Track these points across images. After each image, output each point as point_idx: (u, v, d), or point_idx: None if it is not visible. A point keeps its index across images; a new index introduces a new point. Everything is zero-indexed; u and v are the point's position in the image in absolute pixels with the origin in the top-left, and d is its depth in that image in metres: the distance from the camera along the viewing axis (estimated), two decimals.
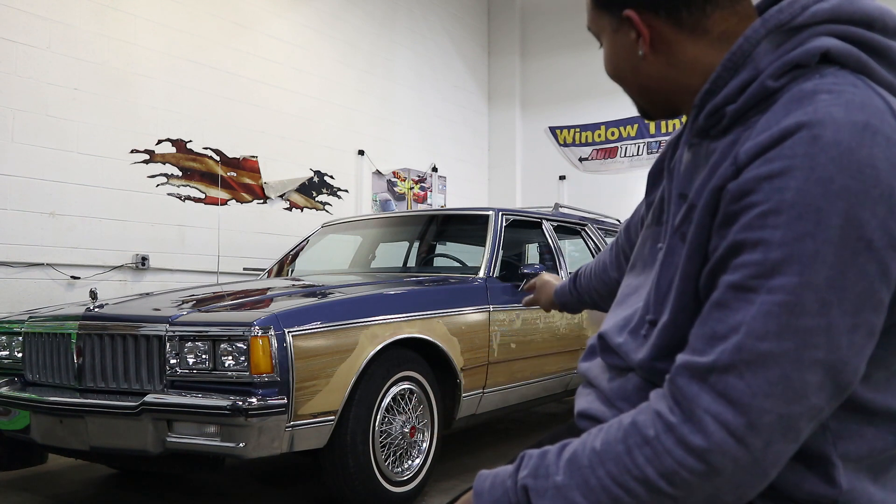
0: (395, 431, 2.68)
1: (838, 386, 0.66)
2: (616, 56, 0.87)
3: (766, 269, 0.65)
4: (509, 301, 3.35)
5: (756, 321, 0.65)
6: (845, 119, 0.66)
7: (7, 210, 4.17)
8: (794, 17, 0.74)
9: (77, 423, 2.43)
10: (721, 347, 0.67)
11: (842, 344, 0.65)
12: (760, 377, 0.65)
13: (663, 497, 0.68)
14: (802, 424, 0.66)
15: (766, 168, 0.67)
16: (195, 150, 5.21)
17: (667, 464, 0.68)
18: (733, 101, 0.76)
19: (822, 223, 0.64)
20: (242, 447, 2.21)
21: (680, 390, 0.69)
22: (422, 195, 7.16)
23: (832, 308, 0.64)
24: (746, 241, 0.67)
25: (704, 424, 0.66)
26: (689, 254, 0.77)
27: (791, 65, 0.72)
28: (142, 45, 4.89)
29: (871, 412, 0.72)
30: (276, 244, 5.61)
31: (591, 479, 0.71)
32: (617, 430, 0.73)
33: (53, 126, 4.38)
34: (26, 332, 2.76)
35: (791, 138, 0.66)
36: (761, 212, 0.66)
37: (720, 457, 0.66)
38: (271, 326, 2.28)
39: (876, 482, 0.74)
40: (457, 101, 8.04)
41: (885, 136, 0.65)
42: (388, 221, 4.45)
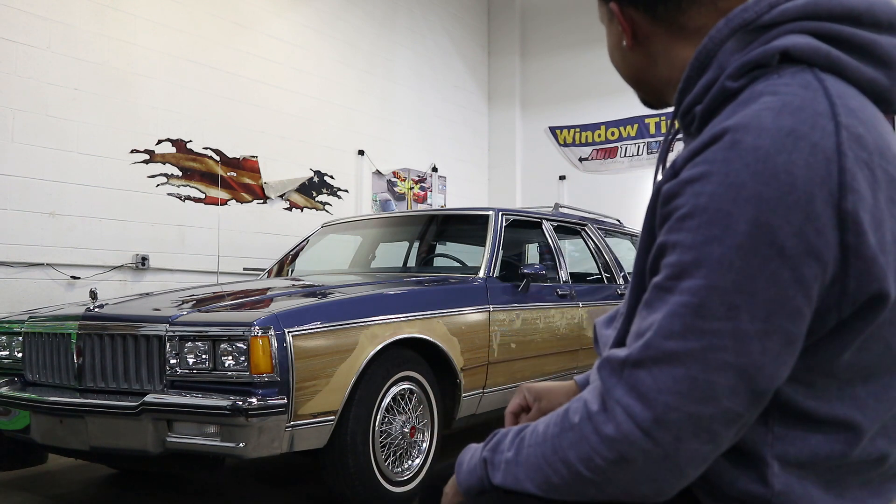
0: (395, 431, 2.68)
1: (754, 391, 0.65)
2: (609, 46, 0.90)
3: (678, 271, 0.67)
4: (509, 301, 3.35)
5: (665, 320, 0.67)
6: (771, 124, 0.65)
7: (7, 210, 4.17)
8: (759, 15, 0.72)
9: (77, 423, 2.43)
10: (636, 344, 0.69)
11: (753, 349, 0.64)
12: (666, 374, 0.66)
13: (584, 481, 0.72)
14: (717, 427, 0.66)
15: (690, 172, 0.68)
16: (195, 150, 5.21)
17: (584, 449, 0.71)
18: (700, 102, 0.75)
19: (730, 228, 0.64)
20: (242, 447, 2.21)
21: (602, 382, 0.72)
22: (422, 195, 7.16)
23: (740, 312, 0.64)
24: (667, 243, 0.69)
25: (615, 415, 0.69)
26: (639, 252, 0.79)
27: (750, 65, 0.71)
28: (142, 45, 4.89)
29: (815, 420, 0.71)
30: (276, 244, 5.61)
31: (531, 457, 0.76)
32: (557, 414, 0.77)
33: (53, 126, 4.38)
34: (26, 332, 2.76)
35: (715, 144, 0.67)
36: (680, 215, 0.68)
37: (628, 447, 0.68)
38: (271, 326, 2.28)
39: (828, 491, 0.73)
40: (457, 101, 8.04)
41: (810, 143, 0.64)
42: (388, 221, 4.44)
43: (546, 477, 0.75)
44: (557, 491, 0.74)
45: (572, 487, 0.73)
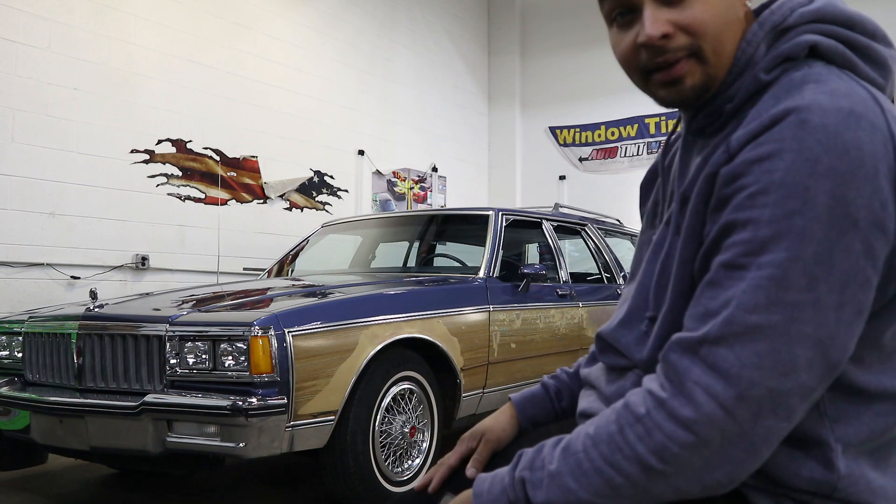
0: (395, 431, 2.68)
1: (828, 363, 0.67)
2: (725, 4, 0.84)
3: (755, 247, 0.68)
4: (509, 301, 3.35)
5: (745, 295, 0.67)
6: (831, 105, 0.68)
7: (7, 210, 4.17)
8: (784, 18, 0.77)
9: (77, 423, 2.43)
10: (712, 322, 0.69)
11: (829, 320, 0.66)
12: (750, 349, 0.66)
13: (654, 475, 0.69)
14: (794, 402, 0.67)
15: (756, 152, 0.69)
16: (195, 150, 5.21)
17: (657, 439, 0.69)
18: (731, 100, 0.78)
19: (810, 201, 0.66)
20: (242, 447, 2.21)
21: (672, 365, 0.71)
22: (422, 195, 7.16)
23: (819, 283, 0.66)
24: (737, 221, 0.70)
25: (694, 396, 0.68)
26: (684, 241, 0.79)
27: (782, 58, 0.76)
28: (142, 45, 4.89)
29: (867, 395, 0.73)
30: (276, 244, 5.61)
31: (584, 463, 0.72)
32: (610, 413, 0.74)
33: (53, 126, 4.38)
34: (26, 332, 2.76)
35: (780, 123, 0.69)
36: (751, 192, 0.69)
37: (708, 427, 0.67)
38: (271, 326, 2.28)
39: (877, 468, 0.74)
40: (457, 101, 8.04)
41: (869, 122, 0.68)
42: (388, 221, 4.45)
43: (607, 479, 0.71)
44: (619, 494, 0.71)
45: (638, 486, 0.70)
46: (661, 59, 0.78)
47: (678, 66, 0.78)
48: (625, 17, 0.80)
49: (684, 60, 0.78)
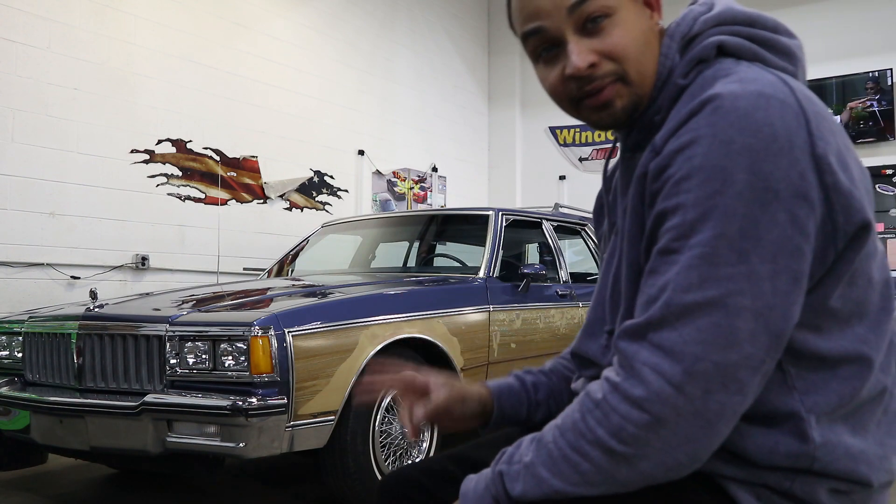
0: (395, 431, 2.68)
1: (770, 332, 0.69)
2: (640, 28, 0.89)
3: (685, 230, 0.71)
4: (509, 301, 3.35)
5: (679, 276, 0.70)
6: (741, 90, 0.72)
7: (7, 210, 4.17)
8: (690, 27, 0.83)
9: (77, 423, 2.43)
10: (654, 306, 0.72)
11: (765, 290, 0.69)
12: (691, 326, 0.69)
13: (617, 458, 0.71)
14: (742, 375, 0.69)
15: (677, 142, 0.74)
16: (195, 150, 5.21)
17: (614, 421, 0.71)
18: (659, 111, 0.83)
19: (729, 180, 0.69)
20: (242, 447, 2.21)
21: (621, 351, 0.74)
22: (422, 195, 7.15)
23: (750, 256, 0.68)
24: (667, 209, 0.73)
25: (644, 376, 0.70)
26: (628, 244, 0.83)
27: (695, 61, 0.81)
28: (142, 45, 4.89)
29: (831, 362, 0.76)
30: (276, 244, 5.61)
31: (554, 452, 0.75)
32: (574, 403, 0.77)
33: (53, 126, 4.38)
34: (26, 332, 2.76)
35: (696, 115, 0.73)
36: (676, 180, 0.73)
37: (660, 405, 0.69)
38: (271, 326, 2.28)
39: (854, 433, 0.77)
40: (457, 101, 8.03)
41: (778, 100, 0.71)
42: (388, 221, 4.44)
43: (574, 466, 0.73)
44: (588, 480, 0.73)
45: (604, 470, 0.72)
46: (589, 87, 0.82)
47: (606, 91, 0.82)
48: (550, 53, 0.84)
49: (611, 85, 0.82)
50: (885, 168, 6.73)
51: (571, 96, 0.84)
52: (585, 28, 0.81)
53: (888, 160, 6.72)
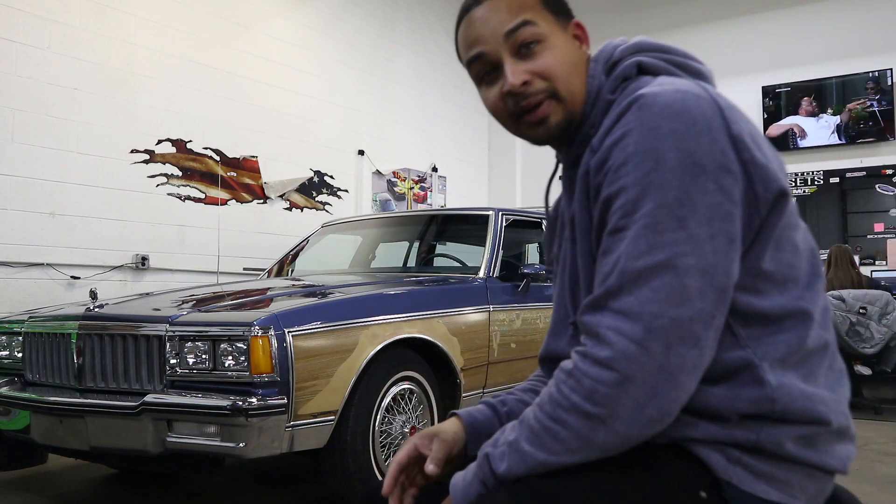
0: (395, 431, 2.68)
1: (716, 287, 0.78)
2: (569, 54, 1.00)
3: (629, 208, 0.80)
4: (509, 301, 3.35)
5: (629, 246, 0.79)
6: (662, 90, 0.83)
7: (7, 210, 4.17)
8: (611, 54, 0.96)
9: (77, 423, 2.43)
10: (610, 278, 0.80)
11: (706, 250, 0.77)
12: (645, 289, 0.77)
13: (592, 420, 0.77)
14: (697, 328, 0.76)
15: (612, 138, 0.84)
16: (195, 150, 5.21)
17: (586, 385, 0.78)
18: (593, 126, 0.93)
19: (661, 158, 0.79)
20: (242, 447, 2.21)
21: (586, 324, 0.81)
22: (422, 195, 7.15)
23: (688, 221, 0.77)
24: (611, 194, 0.82)
25: (608, 338, 0.77)
26: (580, 237, 0.91)
27: (619, 79, 0.93)
28: (142, 45, 4.88)
29: (775, 318, 0.84)
30: (276, 244, 5.61)
31: (535, 426, 0.81)
32: (550, 381, 0.84)
33: (53, 126, 4.38)
34: (26, 332, 2.76)
35: (626, 113, 0.83)
36: (615, 167, 0.82)
37: (626, 362, 0.76)
38: (271, 326, 2.28)
39: (806, 381, 0.84)
40: (457, 101, 8.03)
41: (694, 94, 0.82)
42: (388, 221, 4.44)
43: (554, 435, 0.79)
44: (568, 447, 0.79)
45: (583, 436, 0.78)
46: (525, 103, 0.93)
47: (542, 108, 0.93)
48: (490, 75, 0.96)
49: (546, 102, 0.93)
50: (885, 168, 6.73)
51: (510, 112, 0.95)
52: (520, 52, 0.92)
53: (888, 160, 6.72)
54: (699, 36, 7.45)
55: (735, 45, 7.30)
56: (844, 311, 4.96)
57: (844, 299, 4.98)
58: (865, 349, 4.92)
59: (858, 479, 3.21)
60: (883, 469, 3.42)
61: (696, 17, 7.63)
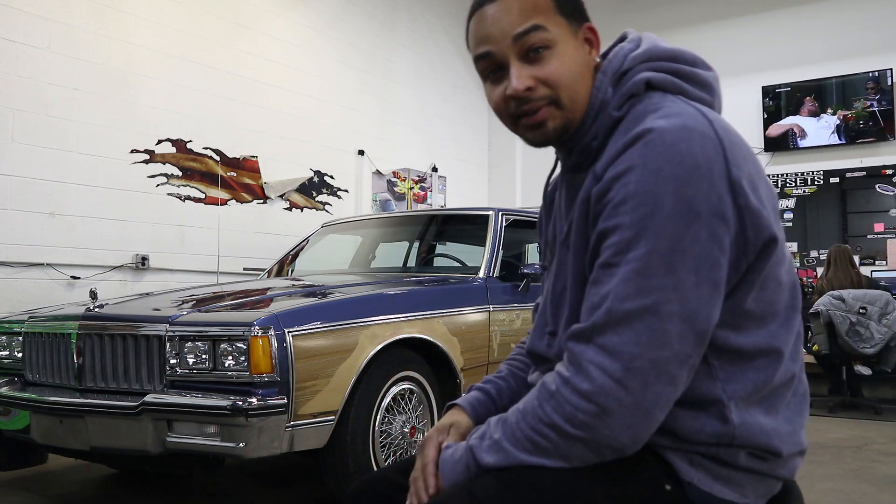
0: (395, 431, 2.68)
1: (696, 332, 0.82)
2: (577, 60, 0.99)
3: (622, 247, 0.83)
4: (509, 301, 3.35)
5: (618, 287, 0.83)
6: (667, 125, 0.84)
7: (7, 210, 4.17)
8: (621, 64, 0.96)
9: (77, 423, 2.43)
10: (597, 313, 0.84)
11: (690, 297, 0.81)
12: (629, 330, 0.81)
13: (571, 439, 0.84)
14: (673, 369, 0.82)
15: (615, 171, 0.86)
16: (195, 150, 5.21)
17: (566, 410, 0.84)
18: (595, 138, 0.96)
19: (658, 203, 0.81)
20: (242, 447, 2.21)
21: (571, 351, 0.87)
22: (422, 195, 7.15)
23: (677, 268, 0.81)
24: (607, 229, 0.86)
25: (589, 372, 0.83)
26: (574, 258, 0.95)
27: (627, 95, 0.94)
28: (142, 45, 4.88)
29: (748, 355, 0.89)
30: (276, 244, 5.61)
31: (517, 432, 0.88)
32: (533, 391, 0.90)
33: (53, 126, 4.38)
34: (26, 332, 2.76)
35: (630, 147, 0.85)
36: (614, 204, 0.85)
37: (604, 397, 0.81)
38: (271, 326, 2.28)
39: (767, 414, 0.90)
40: (457, 101, 8.03)
41: (699, 132, 0.84)
42: (388, 221, 4.44)
43: (535, 444, 0.86)
44: (547, 454, 0.86)
45: (561, 448, 0.85)
46: (526, 108, 0.95)
47: (540, 113, 0.95)
48: (496, 74, 0.97)
49: (545, 107, 0.94)
50: (885, 168, 6.73)
51: (511, 114, 0.97)
52: (528, 56, 0.93)
53: (888, 160, 6.72)
54: (699, 36, 7.45)
55: (735, 45, 7.30)
56: (844, 311, 4.96)
57: (844, 299, 4.98)
58: (865, 349, 4.92)
59: (858, 479, 3.21)
60: (883, 469, 3.42)
61: (696, 17, 7.63)
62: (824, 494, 2.95)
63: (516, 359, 1.21)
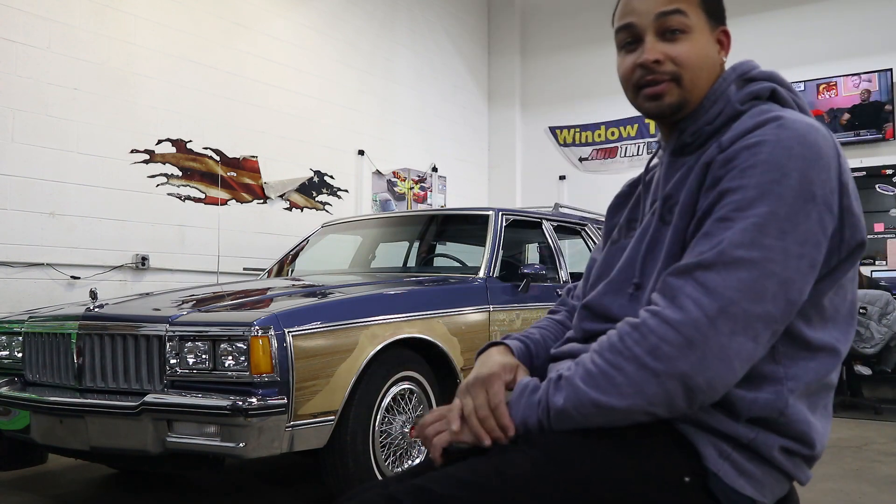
0: (395, 431, 2.68)
1: (787, 299, 0.87)
2: (708, 51, 1.06)
3: (744, 204, 0.88)
4: (509, 301, 3.35)
5: (735, 235, 0.87)
6: (797, 118, 0.93)
7: (7, 210, 4.17)
8: (749, 70, 1.06)
9: (77, 423, 2.43)
10: (707, 253, 0.88)
11: (791, 265, 0.87)
12: (734, 275, 0.86)
13: (649, 372, 0.85)
14: (760, 326, 0.86)
15: (746, 142, 0.92)
16: (195, 150, 5.21)
17: (651, 341, 0.86)
18: (711, 124, 1.02)
19: (786, 175, 0.88)
20: (242, 447, 2.21)
21: (668, 284, 0.90)
22: (422, 195, 7.15)
23: (787, 236, 0.87)
24: (729, 189, 0.91)
25: (684, 305, 0.86)
26: (678, 218, 0.98)
27: (752, 95, 1.02)
28: (142, 45, 4.88)
29: (813, 347, 0.94)
30: (276, 244, 5.61)
31: (592, 368, 0.90)
32: (611, 332, 0.92)
33: (53, 126, 4.38)
34: (26, 332, 2.76)
35: (764, 125, 0.93)
36: (742, 168, 0.91)
37: (694, 330, 0.84)
38: (271, 326, 2.28)
39: (809, 410, 0.95)
40: (457, 101, 8.03)
41: (823, 132, 0.93)
42: (388, 221, 4.44)
43: (610, 379, 0.88)
44: (620, 390, 0.86)
45: (636, 383, 0.86)
46: (650, 78, 1.03)
47: (661, 86, 1.03)
48: (631, 45, 1.06)
49: (667, 82, 1.02)
50: (885, 168, 6.73)
51: (635, 82, 1.05)
52: (664, 35, 1.03)
53: (888, 160, 6.72)
54: None
55: (735, 45, 7.25)
56: None
57: None
58: (865, 349, 4.92)
59: (858, 479, 3.21)
60: (883, 469, 3.42)
61: None
62: (824, 494, 2.95)
63: (546, 328, 1.21)
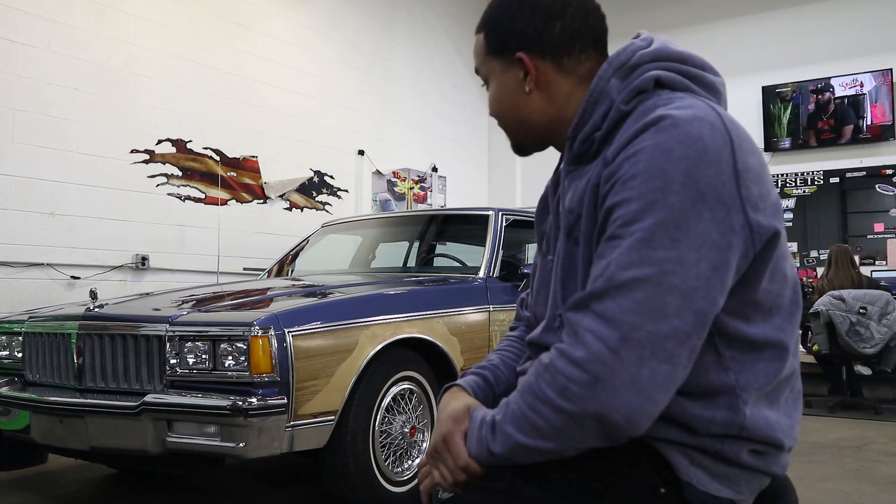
0: (395, 431, 2.68)
1: (696, 311, 0.81)
2: (501, 94, 1.06)
3: (628, 219, 0.84)
4: (509, 301, 3.35)
5: (621, 255, 0.82)
6: (680, 114, 0.86)
7: (7, 210, 4.17)
8: (629, 58, 0.97)
9: (77, 423, 2.43)
10: (598, 281, 0.84)
11: (691, 273, 0.81)
12: (628, 298, 0.80)
13: (563, 415, 0.82)
14: (671, 346, 0.80)
15: (626, 153, 0.87)
16: (195, 150, 5.21)
17: (560, 381, 0.82)
18: (599, 129, 0.97)
19: (668, 180, 0.83)
20: (242, 447, 2.21)
21: (568, 321, 0.86)
22: (422, 195, 7.15)
23: (680, 243, 0.81)
24: (615, 203, 0.86)
25: (585, 340, 0.81)
26: (584, 243, 0.95)
27: (635, 91, 0.95)
28: (142, 45, 4.88)
29: (757, 346, 0.89)
30: (276, 244, 5.61)
31: (516, 410, 0.87)
32: (531, 369, 0.89)
33: (53, 126, 4.38)
34: (26, 332, 2.76)
35: (644, 132, 0.87)
36: (623, 180, 0.86)
37: (598, 366, 0.79)
38: (271, 326, 2.28)
39: (771, 407, 0.92)
40: (457, 101, 8.03)
41: (709, 122, 0.86)
42: (388, 221, 4.44)
43: (532, 423, 0.85)
44: (543, 434, 0.84)
45: (556, 427, 0.83)
46: None
47: None
48: None
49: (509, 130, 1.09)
50: (885, 168, 6.73)
51: None
52: None
53: (888, 160, 6.72)
54: (699, 36, 7.45)
55: (735, 45, 7.30)
56: (844, 311, 4.96)
57: (844, 299, 4.98)
58: (865, 349, 4.92)
59: (858, 478, 3.21)
60: (883, 469, 3.42)
61: (696, 17, 7.63)
62: (824, 494, 2.95)
63: (507, 350, 1.20)
